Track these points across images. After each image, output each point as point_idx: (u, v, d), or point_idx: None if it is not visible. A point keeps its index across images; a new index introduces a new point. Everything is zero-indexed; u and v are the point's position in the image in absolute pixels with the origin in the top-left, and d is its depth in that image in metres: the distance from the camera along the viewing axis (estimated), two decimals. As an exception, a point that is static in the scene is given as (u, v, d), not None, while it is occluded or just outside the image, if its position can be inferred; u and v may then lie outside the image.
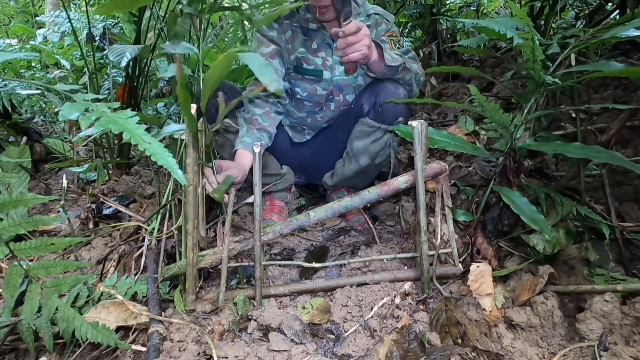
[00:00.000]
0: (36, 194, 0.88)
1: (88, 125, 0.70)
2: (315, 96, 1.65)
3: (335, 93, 1.65)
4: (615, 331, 0.98)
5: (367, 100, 1.53)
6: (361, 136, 1.56)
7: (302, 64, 1.60)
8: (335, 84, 1.63)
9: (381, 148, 1.56)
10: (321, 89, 1.64)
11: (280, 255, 1.49)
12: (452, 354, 0.94)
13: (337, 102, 1.67)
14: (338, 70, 1.61)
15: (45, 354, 1.04)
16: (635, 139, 1.57)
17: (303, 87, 1.63)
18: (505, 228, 1.26)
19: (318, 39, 1.59)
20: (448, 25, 3.28)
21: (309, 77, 1.62)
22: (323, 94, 1.64)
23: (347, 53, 1.26)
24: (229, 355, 0.94)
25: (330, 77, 1.62)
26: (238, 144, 1.44)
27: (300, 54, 1.59)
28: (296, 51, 1.59)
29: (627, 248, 1.20)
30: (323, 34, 1.58)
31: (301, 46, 1.59)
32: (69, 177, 2.00)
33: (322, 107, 1.68)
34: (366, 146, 1.55)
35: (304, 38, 1.59)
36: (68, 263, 0.95)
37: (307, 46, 1.59)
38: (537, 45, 1.04)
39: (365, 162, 1.58)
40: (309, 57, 1.59)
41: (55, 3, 4.21)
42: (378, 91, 1.50)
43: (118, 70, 2.63)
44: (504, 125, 1.21)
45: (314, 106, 1.67)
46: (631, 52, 2.02)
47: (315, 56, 1.60)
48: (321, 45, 1.60)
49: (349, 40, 1.24)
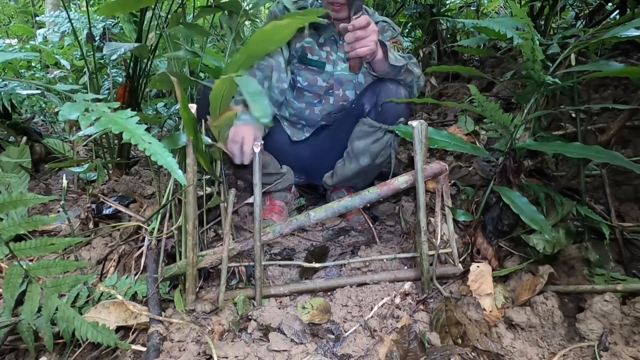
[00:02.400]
0: (36, 194, 0.88)
1: (88, 125, 0.70)
2: (315, 87, 1.67)
3: (335, 87, 1.67)
4: (615, 331, 0.98)
5: (368, 100, 1.54)
6: (362, 136, 1.56)
7: (307, 54, 1.64)
8: (337, 78, 1.66)
9: (382, 148, 1.56)
10: (321, 81, 1.67)
11: (280, 255, 1.49)
12: (452, 354, 0.94)
13: (337, 96, 1.68)
14: (340, 65, 1.65)
15: (45, 354, 1.04)
16: (635, 139, 1.57)
17: (305, 76, 1.66)
18: (505, 228, 1.26)
19: (326, 34, 1.64)
20: (448, 25, 3.28)
21: (312, 67, 1.65)
22: (323, 85, 1.67)
23: (355, 48, 1.27)
24: (229, 355, 0.94)
25: (332, 70, 1.65)
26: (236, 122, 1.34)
27: (307, 44, 1.64)
28: (303, 40, 1.63)
29: (627, 248, 1.20)
30: (332, 29, 1.63)
31: (310, 35, 1.63)
32: (69, 177, 2.00)
33: (322, 99, 1.70)
34: (367, 146, 1.56)
35: (313, 31, 1.63)
36: (68, 263, 0.95)
37: (315, 39, 1.65)
38: (537, 45, 1.04)
39: (365, 162, 1.58)
40: (314, 48, 1.64)
41: (55, 3, 4.21)
42: (379, 91, 1.51)
43: (118, 70, 2.63)
44: (504, 125, 1.21)
45: (313, 97, 1.69)
46: (631, 52, 2.02)
47: (321, 49, 1.65)
48: (327, 40, 1.65)
49: (358, 35, 1.25)
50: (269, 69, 1.57)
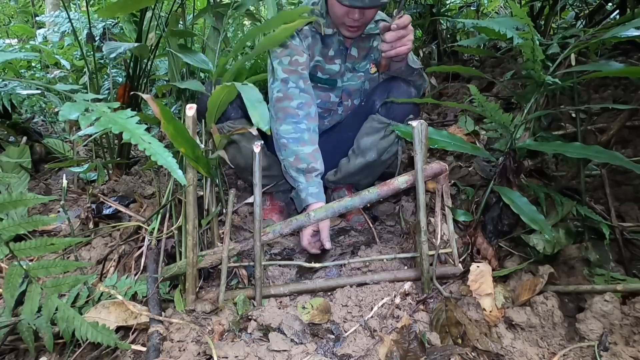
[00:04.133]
0: (36, 194, 0.88)
1: (88, 125, 0.70)
2: (328, 103, 1.67)
3: (344, 98, 1.67)
4: (615, 331, 0.98)
5: (379, 97, 1.56)
6: (371, 132, 1.57)
7: (317, 73, 1.59)
8: (345, 89, 1.65)
9: (389, 144, 1.57)
10: (334, 96, 1.66)
11: (280, 255, 1.49)
12: (452, 354, 0.94)
13: (346, 106, 1.70)
14: (347, 75, 1.63)
15: (45, 354, 1.04)
16: (635, 139, 1.57)
17: (317, 94, 1.61)
18: (505, 228, 1.26)
19: (334, 46, 1.57)
20: (448, 25, 3.28)
21: (322, 85, 1.62)
22: (336, 100, 1.67)
23: (396, 46, 1.28)
24: (229, 355, 0.94)
25: (342, 85, 1.64)
26: (308, 198, 1.39)
27: (316, 62, 1.57)
28: (314, 58, 1.56)
29: (627, 248, 1.20)
30: (338, 40, 1.56)
31: (319, 54, 1.57)
32: (69, 177, 1.99)
33: (331, 112, 1.71)
34: (375, 142, 1.57)
35: (322, 45, 1.57)
36: (68, 263, 0.95)
37: (325, 54, 1.57)
38: (537, 45, 1.04)
39: (372, 157, 1.59)
40: (324, 66, 1.58)
41: (55, 3, 4.20)
42: (391, 88, 1.53)
43: (118, 70, 2.63)
44: (504, 125, 1.21)
45: (324, 112, 1.69)
46: (631, 52, 2.02)
47: (332, 63, 1.59)
48: (337, 52, 1.58)
49: (401, 34, 1.26)
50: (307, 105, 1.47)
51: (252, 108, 0.87)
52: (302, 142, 1.41)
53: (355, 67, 1.63)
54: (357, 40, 1.58)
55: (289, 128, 1.42)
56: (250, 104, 0.88)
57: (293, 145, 1.41)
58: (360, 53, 1.61)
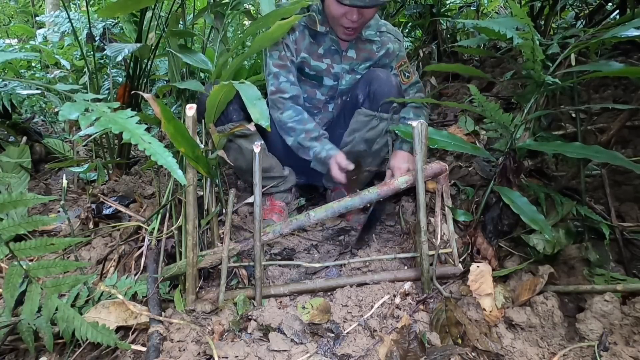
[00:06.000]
0: (36, 194, 0.88)
1: (88, 125, 0.70)
2: (314, 99, 1.68)
3: (337, 97, 1.68)
4: (615, 331, 0.98)
5: (361, 91, 1.56)
6: (358, 127, 1.58)
7: (304, 68, 1.61)
8: (340, 91, 1.66)
9: (377, 135, 1.58)
10: (320, 94, 1.66)
11: (280, 255, 1.49)
12: (452, 354, 0.94)
13: (337, 104, 1.70)
14: (345, 78, 1.63)
15: (45, 354, 1.04)
16: (635, 139, 1.57)
17: (304, 88, 1.65)
18: (505, 228, 1.26)
19: (325, 44, 1.58)
20: (448, 25, 3.28)
21: (310, 81, 1.63)
22: (322, 99, 1.68)
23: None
24: (229, 355, 0.94)
25: (332, 84, 1.64)
26: (330, 152, 1.51)
27: (302, 59, 1.59)
28: (301, 54, 1.58)
29: (627, 248, 1.20)
30: (331, 39, 1.56)
31: (305, 50, 1.57)
32: (69, 177, 1.99)
33: (321, 110, 1.72)
34: (362, 135, 1.58)
35: (311, 41, 1.57)
36: (68, 263, 0.95)
37: (313, 51, 1.58)
38: (537, 45, 1.04)
39: (362, 149, 1.60)
40: (310, 63, 1.59)
41: (55, 3, 4.20)
42: (371, 80, 1.53)
43: (118, 70, 2.63)
44: (504, 125, 1.21)
45: (312, 108, 1.70)
46: (631, 52, 2.02)
47: (320, 61, 1.60)
48: (328, 52, 1.59)
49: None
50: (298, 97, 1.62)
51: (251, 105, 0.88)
52: (304, 121, 1.57)
53: (355, 69, 1.63)
54: (355, 42, 1.58)
55: (290, 113, 1.57)
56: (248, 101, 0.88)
57: (299, 125, 1.56)
58: (360, 55, 1.61)
